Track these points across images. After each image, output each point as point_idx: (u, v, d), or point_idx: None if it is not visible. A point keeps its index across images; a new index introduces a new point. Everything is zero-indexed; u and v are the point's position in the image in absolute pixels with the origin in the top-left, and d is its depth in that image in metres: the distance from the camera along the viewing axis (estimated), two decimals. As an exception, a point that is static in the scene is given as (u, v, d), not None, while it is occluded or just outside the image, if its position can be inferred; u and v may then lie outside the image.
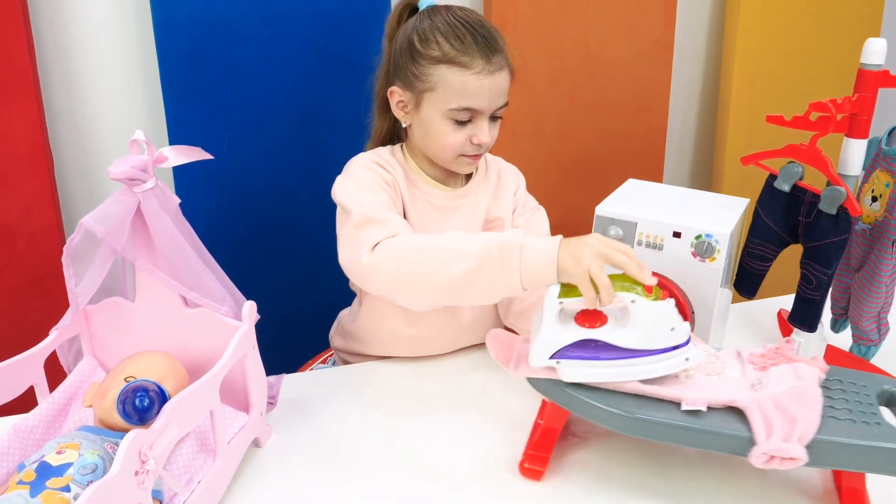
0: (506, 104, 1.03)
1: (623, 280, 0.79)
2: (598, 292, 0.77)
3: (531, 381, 0.84)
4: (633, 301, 0.78)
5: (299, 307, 1.61)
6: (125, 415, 0.73)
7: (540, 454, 0.87)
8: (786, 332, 1.19)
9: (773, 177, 1.07)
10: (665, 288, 1.04)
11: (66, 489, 0.68)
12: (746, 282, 1.11)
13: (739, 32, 1.83)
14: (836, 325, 1.17)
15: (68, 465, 0.70)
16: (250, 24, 1.44)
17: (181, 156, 0.84)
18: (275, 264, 1.60)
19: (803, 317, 1.06)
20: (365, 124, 1.18)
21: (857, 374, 0.84)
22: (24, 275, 1.43)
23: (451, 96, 0.99)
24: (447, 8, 1.02)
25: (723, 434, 0.75)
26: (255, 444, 0.92)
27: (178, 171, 1.46)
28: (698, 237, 1.00)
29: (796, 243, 1.07)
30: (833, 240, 0.99)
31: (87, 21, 1.43)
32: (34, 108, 1.37)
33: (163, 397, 0.75)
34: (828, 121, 0.99)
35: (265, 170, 1.54)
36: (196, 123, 1.45)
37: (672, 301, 0.79)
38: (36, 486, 0.67)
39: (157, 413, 0.72)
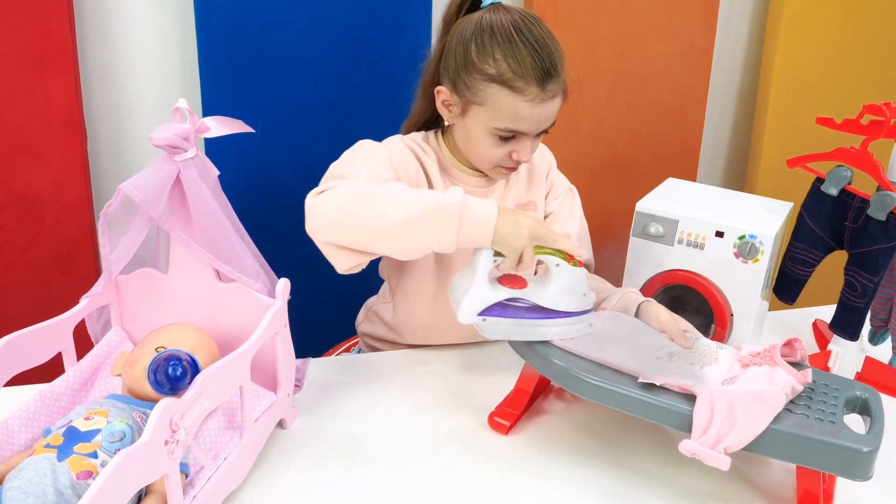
0: (552, 125, 1.01)
1: (551, 250, 0.85)
2: (519, 264, 0.84)
3: (512, 345, 0.91)
4: (557, 265, 0.85)
5: (324, 295, 1.60)
6: (156, 383, 0.72)
7: (509, 410, 0.93)
8: (821, 343, 1.17)
9: (819, 180, 1.04)
10: (703, 288, 1.01)
11: (94, 455, 0.67)
12: (787, 287, 1.08)
13: (780, 40, 1.81)
14: (875, 338, 1.14)
15: (96, 431, 0.69)
16: (290, 9, 1.43)
17: (223, 127, 0.83)
18: (300, 251, 1.58)
19: (845, 325, 1.03)
20: (406, 109, 1.16)
21: (837, 378, 0.85)
22: (51, 249, 1.42)
23: (499, 117, 0.96)
24: (510, 11, 0.96)
25: (668, 409, 0.78)
26: (281, 425, 0.91)
27: (208, 152, 1.45)
28: (742, 237, 0.98)
29: (841, 249, 1.05)
30: (882, 246, 0.96)
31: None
32: (71, 82, 1.37)
33: (195, 368, 0.74)
34: (880, 125, 0.97)
35: (296, 155, 1.53)
36: (230, 106, 1.45)
37: (585, 270, 0.87)
38: (63, 451, 0.66)
39: (189, 383, 0.70)
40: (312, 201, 0.90)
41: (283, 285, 0.86)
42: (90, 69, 1.45)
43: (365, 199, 0.86)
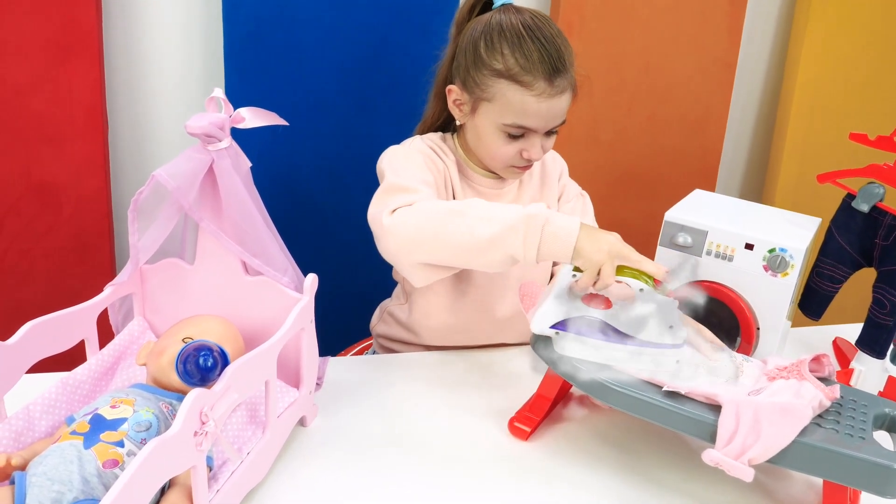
0: (563, 122, 1.01)
1: (636, 271, 0.82)
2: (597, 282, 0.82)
3: (534, 348, 0.88)
4: (640, 290, 0.81)
5: (337, 296, 1.58)
6: (185, 374, 0.71)
7: (530, 416, 0.92)
8: (842, 361, 1.15)
9: (850, 196, 1.03)
10: (731, 300, 1.00)
11: (120, 444, 0.65)
12: (814, 303, 1.07)
13: (802, 61, 1.81)
14: (898, 358, 1.13)
15: (123, 420, 0.68)
16: (318, 9, 1.43)
17: (257, 118, 0.82)
18: (317, 250, 1.58)
19: (873, 342, 1.02)
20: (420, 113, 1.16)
21: (865, 395, 0.83)
22: (68, 239, 1.42)
23: (508, 112, 0.97)
24: (521, 12, 0.98)
25: (693, 418, 0.77)
26: (301, 423, 0.90)
27: (229, 148, 1.45)
28: (772, 251, 0.97)
29: (869, 266, 1.04)
30: (913, 265, 0.96)
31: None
32: (96, 72, 1.36)
33: (225, 360, 0.72)
34: (915, 142, 0.96)
35: (317, 154, 1.52)
36: (254, 101, 1.43)
37: (675, 302, 0.83)
38: (90, 438, 0.65)
39: (219, 375, 0.69)
40: (390, 220, 0.90)
41: (311, 280, 0.85)
42: (114, 60, 1.45)
43: (450, 217, 0.87)
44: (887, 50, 1.85)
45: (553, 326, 0.84)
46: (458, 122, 1.06)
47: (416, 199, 0.92)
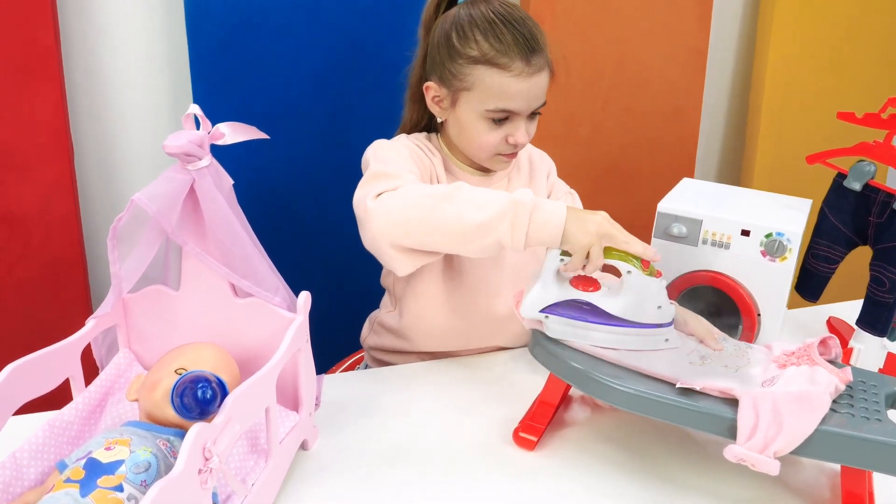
0: (544, 103, 1.00)
1: (623, 253, 0.82)
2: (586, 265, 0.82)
3: (533, 353, 0.87)
4: (629, 272, 0.81)
5: (325, 310, 1.54)
6: (183, 407, 0.67)
7: (535, 425, 0.89)
8: (839, 341, 1.15)
9: (841, 176, 1.03)
10: (730, 288, 0.99)
11: (119, 489, 0.62)
12: (810, 285, 1.07)
13: (772, 42, 1.81)
14: (894, 334, 1.13)
15: (119, 462, 0.64)
16: (285, 15, 1.39)
17: (237, 133, 0.79)
18: (300, 264, 1.53)
19: (874, 320, 1.02)
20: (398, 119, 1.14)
21: (871, 374, 0.83)
22: (39, 268, 1.36)
23: (489, 97, 0.96)
24: (488, 2, 0.98)
25: (710, 414, 0.75)
26: (303, 446, 0.86)
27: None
28: (769, 235, 0.96)
29: (864, 245, 1.03)
30: (909, 241, 0.95)
31: (116, 5, 1.38)
32: (57, 93, 1.31)
33: (223, 390, 0.69)
34: (903, 118, 0.96)
35: (293, 165, 1.49)
36: (225, 116, 1.39)
37: (664, 281, 0.83)
38: (86, 485, 0.61)
39: (219, 406, 0.66)
40: (373, 204, 0.88)
41: (305, 298, 0.82)
42: (76, 79, 1.39)
43: (438, 201, 0.85)
44: (856, 27, 1.87)
45: (543, 310, 0.84)
46: (439, 120, 1.05)
47: (400, 185, 0.90)
